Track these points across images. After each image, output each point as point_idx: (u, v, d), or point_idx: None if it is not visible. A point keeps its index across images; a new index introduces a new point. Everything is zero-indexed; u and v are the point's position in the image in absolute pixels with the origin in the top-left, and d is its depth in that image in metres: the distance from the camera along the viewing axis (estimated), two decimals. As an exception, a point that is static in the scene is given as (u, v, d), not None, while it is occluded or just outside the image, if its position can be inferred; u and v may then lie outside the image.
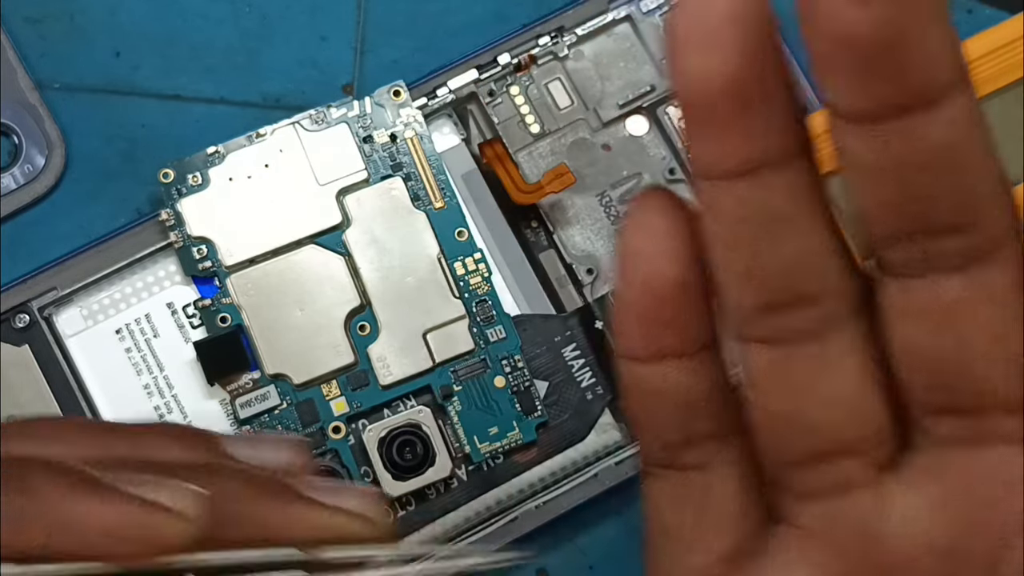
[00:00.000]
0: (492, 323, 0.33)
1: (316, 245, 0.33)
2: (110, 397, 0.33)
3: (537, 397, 0.33)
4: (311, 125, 0.33)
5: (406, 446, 0.32)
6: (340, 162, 0.33)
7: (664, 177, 0.35)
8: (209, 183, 0.32)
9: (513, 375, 0.33)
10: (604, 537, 0.35)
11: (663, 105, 0.35)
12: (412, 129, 0.33)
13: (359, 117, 0.33)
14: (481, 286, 0.33)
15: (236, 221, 0.32)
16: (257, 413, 0.32)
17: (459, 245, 0.33)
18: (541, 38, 0.35)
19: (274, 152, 0.33)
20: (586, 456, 0.33)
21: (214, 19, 0.37)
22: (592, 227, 0.35)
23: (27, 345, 0.33)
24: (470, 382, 0.33)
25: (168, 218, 0.32)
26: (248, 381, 0.32)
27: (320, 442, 0.32)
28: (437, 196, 0.33)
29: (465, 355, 0.33)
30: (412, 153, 0.33)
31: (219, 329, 0.32)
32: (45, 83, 0.36)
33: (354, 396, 0.32)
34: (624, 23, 0.35)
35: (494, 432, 0.32)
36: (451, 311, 0.33)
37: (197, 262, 0.32)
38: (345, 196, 0.33)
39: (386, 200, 0.33)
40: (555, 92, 0.35)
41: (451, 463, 0.32)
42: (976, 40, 0.31)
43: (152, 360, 0.33)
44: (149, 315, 0.33)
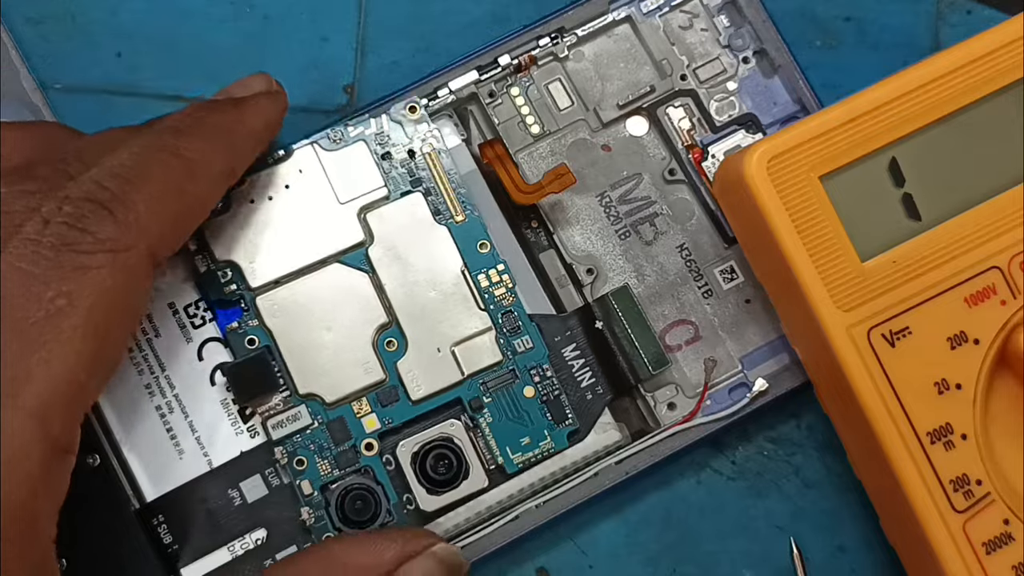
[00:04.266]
0: (518, 333, 0.33)
1: (340, 263, 0.33)
2: (110, 397, 0.33)
3: (567, 406, 0.33)
4: (329, 144, 0.33)
5: (440, 460, 0.32)
6: (360, 180, 0.33)
7: (664, 177, 0.35)
8: (231, 206, 0.33)
9: (542, 384, 0.33)
10: (604, 537, 0.35)
11: (663, 106, 0.35)
12: (430, 144, 0.34)
13: (376, 135, 0.33)
14: (506, 297, 0.33)
15: (260, 243, 0.33)
16: (290, 433, 0.32)
17: (482, 257, 0.33)
18: (541, 39, 0.35)
19: (294, 172, 0.33)
20: (586, 456, 0.33)
21: (215, 20, 0.37)
22: (592, 227, 0.35)
23: (28, 345, 0.33)
24: (500, 393, 0.33)
25: (191, 243, 0.33)
26: (279, 402, 0.32)
27: (353, 460, 0.32)
28: (458, 209, 0.33)
29: (493, 366, 0.33)
30: (431, 168, 0.33)
31: (247, 351, 0.32)
32: (47, 83, 0.36)
33: (385, 412, 0.32)
34: (624, 24, 0.36)
35: (526, 442, 0.33)
36: (477, 323, 0.33)
37: (223, 286, 0.32)
38: (367, 213, 0.33)
39: (407, 216, 0.33)
40: (555, 93, 0.35)
41: (485, 474, 0.32)
42: (976, 40, 0.31)
43: (153, 360, 0.33)
44: (150, 315, 0.33)
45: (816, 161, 0.30)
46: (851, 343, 0.30)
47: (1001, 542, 0.30)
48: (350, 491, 0.32)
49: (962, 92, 0.31)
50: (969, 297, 0.30)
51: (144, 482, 0.33)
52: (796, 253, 0.30)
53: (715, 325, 0.34)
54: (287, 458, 0.32)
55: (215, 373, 0.33)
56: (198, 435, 0.33)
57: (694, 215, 0.35)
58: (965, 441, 0.30)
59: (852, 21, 0.37)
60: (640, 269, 0.34)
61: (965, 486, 0.30)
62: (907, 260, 0.30)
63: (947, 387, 0.30)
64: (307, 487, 0.32)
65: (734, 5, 0.35)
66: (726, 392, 0.34)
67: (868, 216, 0.31)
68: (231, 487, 0.33)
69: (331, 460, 0.32)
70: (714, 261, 0.35)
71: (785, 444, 0.35)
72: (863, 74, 0.32)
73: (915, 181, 0.31)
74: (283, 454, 0.32)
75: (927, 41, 0.37)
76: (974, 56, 0.31)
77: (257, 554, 0.32)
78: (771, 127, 0.35)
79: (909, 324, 0.30)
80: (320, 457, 0.32)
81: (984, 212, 0.31)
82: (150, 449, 0.33)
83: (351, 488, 0.32)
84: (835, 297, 0.30)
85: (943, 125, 0.31)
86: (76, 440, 0.26)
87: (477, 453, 0.32)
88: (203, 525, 0.32)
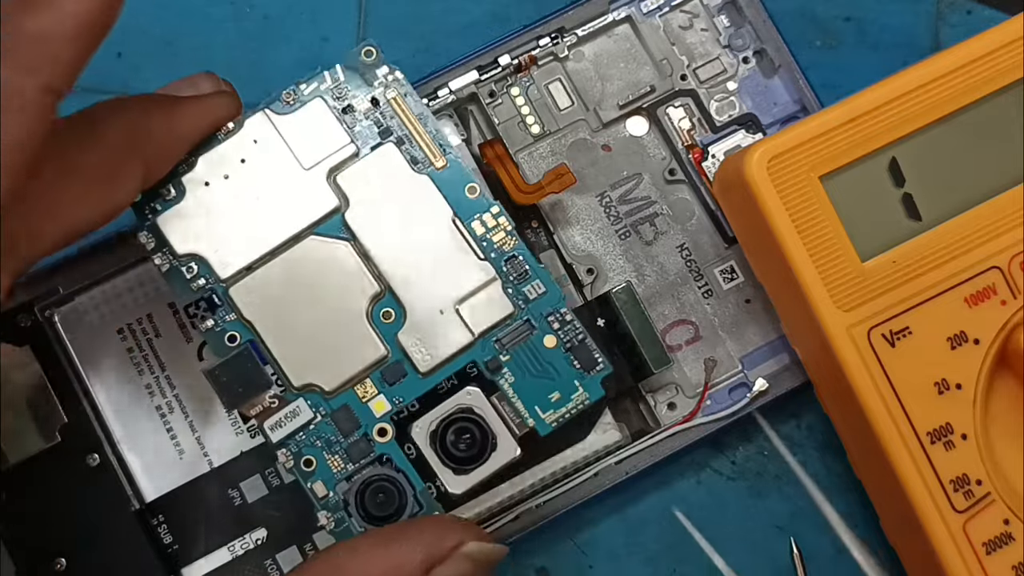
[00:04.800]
0: (527, 279, 0.30)
1: (316, 236, 0.30)
2: (111, 397, 0.33)
3: (594, 348, 0.30)
4: (282, 107, 0.30)
5: (461, 435, 0.29)
6: (323, 140, 0.30)
7: (664, 177, 0.35)
8: (184, 193, 0.29)
9: (563, 331, 0.30)
10: (604, 537, 0.35)
11: (663, 106, 0.35)
12: (393, 89, 0.30)
13: (333, 89, 0.30)
14: (506, 241, 0.30)
15: (223, 228, 0.29)
16: (291, 433, 0.29)
17: (472, 203, 0.30)
18: (541, 39, 0.35)
19: (248, 145, 0.30)
20: (586, 456, 0.33)
21: (215, 20, 0.37)
22: (592, 227, 0.35)
23: (28, 345, 0.33)
24: (518, 349, 0.30)
25: (147, 241, 0.30)
26: (273, 400, 0.29)
27: (367, 450, 0.29)
28: (436, 155, 0.30)
29: (506, 320, 0.30)
30: (399, 114, 0.30)
31: (228, 350, 0.29)
32: (47, 84, 0.36)
33: (393, 391, 0.29)
34: (624, 24, 0.36)
35: (556, 398, 0.30)
36: (479, 275, 0.30)
37: (189, 282, 0.29)
38: (337, 175, 0.30)
39: (382, 171, 0.30)
40: (555, 93, 0.35)
41: (515, 442, 0.29)
42: (976, 40, 0.31)
43: (154, 359, 0.33)
44: (151, 315, 0.33)
45: (816, 161, 0.30)
46: (851, 343, 0.30)
47: (1001, 542, 0.30)
48: (369, 484, 0.29)
49: (962, 92, 0.31)
50: (969, 297, 0.30)
51: (144, 482, 0.33)
52: (796, 253, 0.30)
53: (715, 325, 0.34)
54: (293, 460, 0.29)
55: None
56: (198, 435, 0.33)
57: (694, 215, 0.35)
58: (965, 441, 0.30)
59: (852, 21, 0.37)
60: (640, 269, 0.34)
61: (965, 486, 0.30)
62: (907, 260, 0.30)
63: (947, 387, 0.30)
64: (320, 489, 0.29)
65: (734, 5, 0.35)
66: (726, 392, 0.34)
67: (868, 216, 0.31)
68: (231, 487, 0.33)
69: (342, 454, 0.29)
70: (714, 261, 0.35)
71: (785, 444, 0.35)
72: (863, 74, 0.32)
73: (915, 181, 0.31)
74: (288, 456, 0.29)
75: (927, 41, 0.37)
76: (974, 56, 0.31)
77: (257, 554, 0.32)
78: (771, 127, 0.35)
79: (909, 324, 0.30)
80: (329, 453, 0.29)
81: (984, 212, 0.31)
82: (150, 449, 0.33)
83: (370, 481, 0.29)
84: (835, 297, 0.30)
85: (943, 125, 0.31)
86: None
87: (503, 420, 0.29)
88: (203, 525, 0.32)
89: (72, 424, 0.33)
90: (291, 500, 0.32)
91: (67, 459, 0.32)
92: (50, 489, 0.32)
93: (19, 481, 0.32)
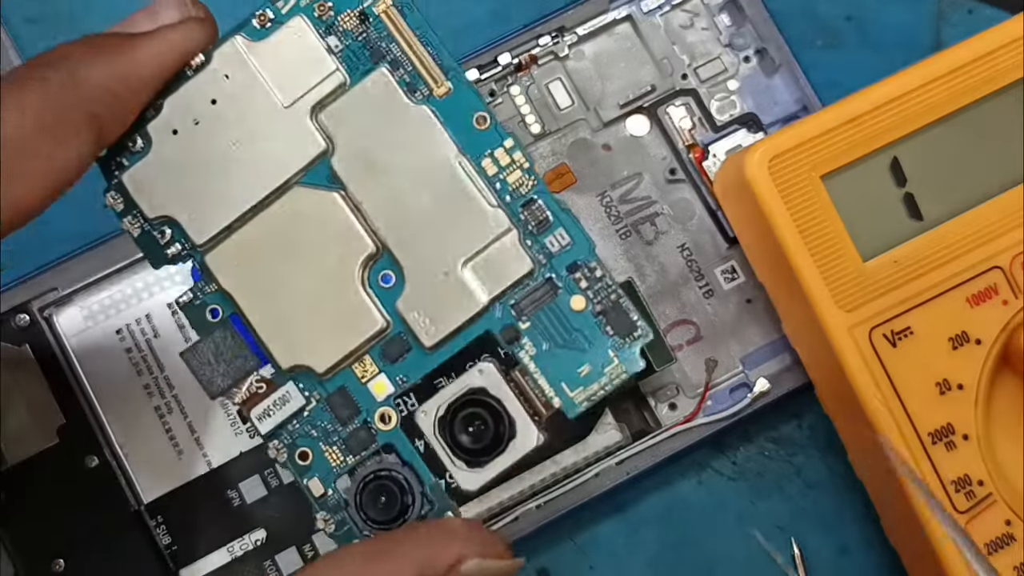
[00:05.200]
0: (549, 228, 0.25)
1: (302, 186, 0.25)
2: (110, 397, 0.33)
3: (631, 310, 0.25)
4: (256, 32, 0.25)
5: (471, 421, 0.25)
6: (304, 69, 0.25)
7: (665, 177, 0.35)
8: (151, 144, 0.25)
9: (594, 289, 0.25)
10: (604, 537, 0.35)
11: (664, 105, 0.35)
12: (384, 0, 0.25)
13: (314, 3, 0.25)
14: (523, 183, 0.25)
15: (196, 184, 0.25)
16: (282, 422, 0.26)
17: (482, 136, 0.25)
18: (542, 38, 0.35)
19: (218, 81, 0.25)
20: (586, 456, 0.33)
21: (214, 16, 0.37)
22: (593, 227, 0.35)
23: (27, 345, 0.33)
24: (539, 313, 0.25)
25: (114, 202, 0.26)
26: (259, 384, 0.26)
27: (368, 440, 0.25)
28: (438, 79, 0.25)
29: (524, 279, 0.25)
30: (393, 31, 0.25)
31: (210, 327, 0.26)
32: (46, 83, 0.36)
33: (395, 370, 0.25)
34: (625, 23, 0.35)
35: (586, 372, 0.25)
36: (491, 226, 0.25)
37: (163, 248, 0.26)
38: (321, 112, 0.25)
39: (374, 102, 0.25)
40: (556, 92, 0.35)
41: (536, 428, 0.25)
42: (976, 40, 0.31)
43: (152, 360, 0.33)
44: (149, 315, 0.33)
45: (817, 160, 0.30)
46: (852, 343, 0.30)
47: (1003, 543, 0.30)
48: (369, 483, 0.25)
49: (964, 91, 0.30)
50: (971, 297, 0.30)
51: (143, 483, 0.33)
52: (797, 253, 0.30)
53: (716, 325, 0.34)
54: (286, 452, 0.26)
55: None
56: (197, 435, 0.33)
57: (695, 215, 0.35)
58: (967, 442, 0.30)
59: (853, 20, 0.37)
60: (641, 269, 0.34)
61: (967, 487, 0.30)
62: (909, 260, 0.30)
63: (949, 387, 0.30)
64: (317, 487, 0.26)
65: (735, 4, 0.35)
66: (727, 392, 0.34)
67: (870, 216, 0.31)
68: (230, 487, 0.33)
69: (340, 445, 0.25)
70: (715, 261, 0.35)
71: (786, 444, 0.35)
72: (864, 73, 0.32)
73: (917, 180, 0.31)
74: (279, 449, 0.26)
75: (928, 40, 0.37)
76: (975, 55, 0.31)
77: (256, 554, 0.32)
78: (772, 126, 0.35)
79: (911, 324, 0.30)
80: (327, 444, 0.25)
81: (986, 212, 0.31)
82: (149, 449, 0.33)
83: (370, 479, 0.25)
84: (836, 297, 0.30)
85: (945, 124, 0.31)
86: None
87: (525, 400, 0.25)
88: (202, 525, 0.32)
89: (71, 425, 0.33)
90: (290, 501, 0.32)
91: (66, 460, 0.32)
92: (49, 490, 0.32)
93: (18, 482, 0.32)
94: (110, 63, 0.24)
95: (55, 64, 0.23)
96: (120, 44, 0.24)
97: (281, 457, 0.26)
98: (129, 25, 0.25)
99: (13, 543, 0.32)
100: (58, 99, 0.23)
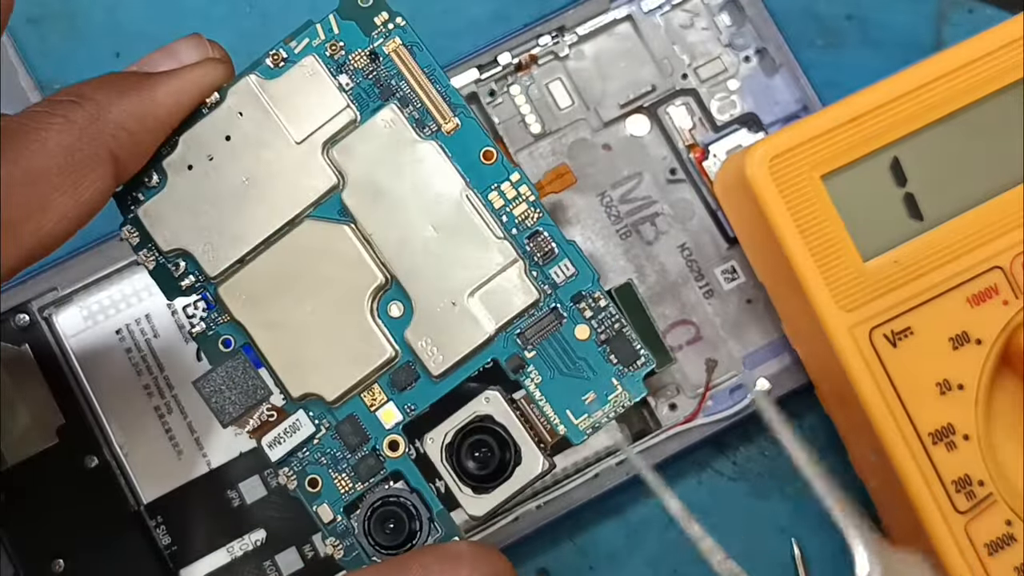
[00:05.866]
0: (554, 259, 0.26)
1: (313, 219, 0.26)
2: (110, 397, 0.33)
3: (635, 339, 0.26)
4: (269, 71, 0.26)
5: (478, 448, 0.25)
6: (316, 106, 0.26)
7: (665, 177, 0.35)
8: (166, 179, 0.26)
9: (597, 319, 0.26)
10: (604, 537, 0.35)
11: (664, 105, 0.35)
12: (396, 38, 0.26)
13: (326, 43, 0.26)
14: (529, 215, 0.26)
15: (210, 218, 0.26)
16: (292, 450, 0.26)
17: (488, 170, 0.26)
18: (542, 38, 0.35)
19: (232, 119, 0.26)
20: (586, 456, 0.33)
21: (214, 19, 0.37)
22: (593, 227, 0.34)
23: (27, 345, 0.33)
24: (544, 343, 0.26)
25: (130, 236, 0.26)
26: (270, 413, 0.26)
27: (376, 467, 0.26)
28: (446, 115, 0.26)
29: (529, 309, 0.26)
30: (402, 69, 0.26)
31: (223, 356, 0.26)
32: (45, 83, 0.36)
33: (403, 398, 0.26)
34: (625, 23, 0.35)
35: (590, 399, 0.25)
36: (497, 257, 0.26)
37: (177, 280, 0.26)
38: (332, 148, 0.26)
39: (384, 138, 0.26)
40: (556, 92, 0.35)
41: (542, 455, 0.25)
42: (976, 40, 0.31)
43: (152, 360, 0.33)
44: (149, 315, 0.33)
45: (818, 160, 0.30)
46: (853, 343, 0.30)
47: (1003, 543, 0.30)
48: (376, 510, 0.26)
49: (964, 91, 0.30)
50: (971, 297, 0.30)
51: (143, 483, 0.33)
52: (798, 253, 0.30)
53: (716, 325, 0.34)
54: (296, 480, 0.26)
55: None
56: (197, 436, 0.33)
57: (695, 215, 0.35)
58: (967, 442, 0.30)
59: (854, 20, 0.37)
60: (641, 269, 0.34)
61: (967, 487, 0.30)
62: (909, 260, 0.30)
63: (949, 387, 0.30)
64: (326, 512, 0.26)
65: (735, 3, 0.35)
66: (727, 392, 0.34)
67: (870, 216, 0.31)
68: (230, 488, 0.33)
69: (349, 472, 0.26)
70: (715, 261, 0.34)
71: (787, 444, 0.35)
72: (865, 73, 0.32)
73: (917, 180, 0.31)
74: (290, 476, 0.26)
75: (929, 40, 0.37)
76: (976, 55, 0.31)
77: (256, 555, 0.32)
78: (772, 126, 0.35)
79: (911, 324, 0.30)
80: (336, 471, 0.26)
81: (986, 211, 0.31)
82: (149, 450, 0.33)
83: (377, 505, 0.26)
84: (837, 297, 0.30)
85: (945, 124, 0.31)
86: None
87: (530, 427, 0.25)
88: (202, 526, 0.32)
89: (71, 425, 0.33)
90: (290, 501, 0.32)
91: (66, 460, 0.32)
92: (49, 490, 0.32)
93: (18, 482, 0.32)
94: (131, 102, 0.25)
95: (79, 103, 0.24)
96: (140, 83, 0.25)
97: (291, 484, 0.26)
98: (148, 64, 0.26)
99: (13, 543, 0.32)
100: (81, 138, 0.23)
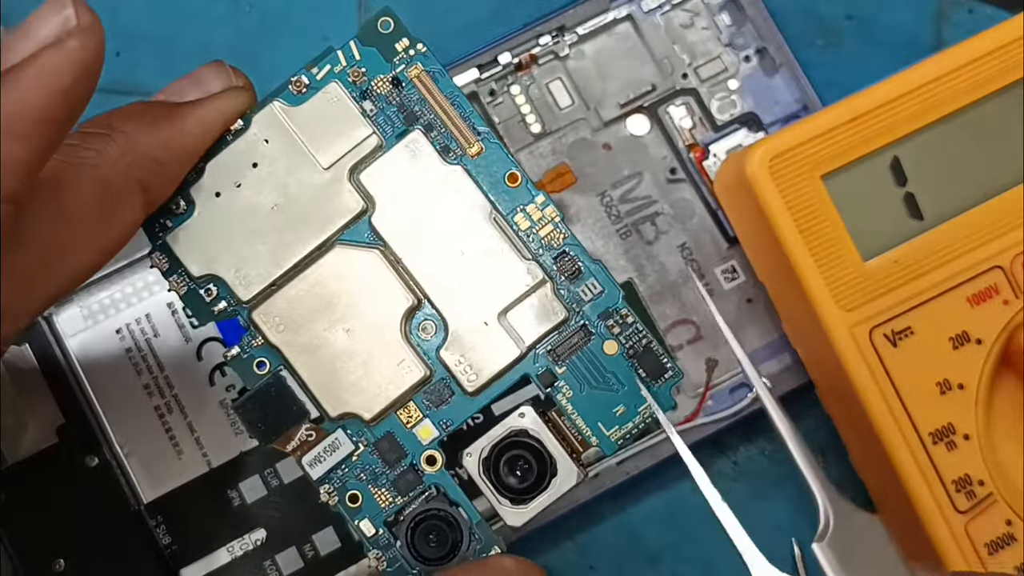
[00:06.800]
0: (581, 278, 0.27)
1: (342, 244, 0.26)
2: (110, 397, 0.33)
3: (662, 353, 0.27)
4: (293, 98, 0.27)
5: (516, 462, 0.26)
6: (341, 132, 0.26)
7: (665, 177, 0.35)
8: (194, 206, 0.26)
9: (625, 335, 0.27)
10: (605, 537, 0.35)
11: (664, 105, 0.35)
12: (417, 64, 0.27)
13: (348, 69, 0.27)
14: (555, 236, 0.27)
15: (240, 244, 0.26)
16: (332, 467, 0.27)
17: (514, 192, 0.26)
18: (542, 37, 0.35)
19: (258, 146, 0.26)
20: (587, 456, 0.33)
21: (215, 19, 0.37)
22: (593, 227, 0.34)
23: (27, 345, 0.33)
24: (575, 358, 0.27)
25: (159, 263, 0.27)
26: (309, 432, 0.27)
27: (415, 482, 0.27)
28: (470, 140, 0.26)
29: (559, 327, 0.26)
30: (425, 95, 0.27)
31: (257, 378, 0.27)
32: (46, 83, 0.36)
33: (439, 415, 0.27)
34: (625, 22, 0.35)
35: (621, 412, 0.26)
36: (526, 278, 0.26)
37: (209, 305, 0.27)
38: (360, 173, 0.26)
39: (410, 163, 0.26)
40: (556, 92, 0.35)
41: (576, 466, 0.26)
42: (976, 40, 0.31)
43: (152, 360, 0.33)
44: (149, 315, 0.33)
45: (818, 160, 0.30)
46: (853, 343, 0.30)
47: (1003, 543, 0.30)
48: (419, 522, 0.26)
49: (964, 91, 0.30)
50: (971, 297, 0.30)
51: (143, 482, 0.33)
52: (798, 252, 0.30)
53: (716, 325, 0.34)
54: (337, 497, 0.27)
55: (214, 373, 0.33)
56: (197, 435, 0.33)
57: (695, 214, 0.35)
58: (967, 441, 0.30)
59: (854, 20, 0.37)
60: (641, 268, 0.34)
61: (967, 487, 0.30)
62: (909, 259, 0.30)
63: (949, 387, 0.30)
64: (368, 527, 0.27)
65: (735, 3, 0.35)
66: (727, 392, 0.34)
67: (870, 215, 0.31)
68: (230, 487, 0.33)
69: (389, 487, 0.27)
70: (715, 261, 0.34)
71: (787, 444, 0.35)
72: (865, 73, 0.32)
73: (917, 180, 0.31)
74: (330, 493, 0.27)
75: (929, 40, 0.37)
76: (976, 55, 0.31)
77: (256, 554, 0.32)
78: (773, 126, 0.35)
79: (911, 324, 0.30)
80: (375, 486, 0.27)
81: (986, 211, 0.31)
82: (149, 449, 0.33)
83: (419, 518, 0.26)
84: (837, 297, 0.30)
85: (945, 124, 0.31)
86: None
87: (564, 440, 0.26)
88: (202, 526, 0.32)
89: (71, 425, 0.33)
90: (291, 501, 0.32)
91: (66, 460, 0.32)
92: (49, 490, 0.32)
93: (18, 482, 0.32)
94: (160, 133, 0.25)
95: (110, 136, 0.24)
96: (168, 113, 0.25)
97: (332, 501, 0.27)
98: (174, 93, 0.26)
99: (13, 543, 0.32)
100: (113, 171, 0.23)
